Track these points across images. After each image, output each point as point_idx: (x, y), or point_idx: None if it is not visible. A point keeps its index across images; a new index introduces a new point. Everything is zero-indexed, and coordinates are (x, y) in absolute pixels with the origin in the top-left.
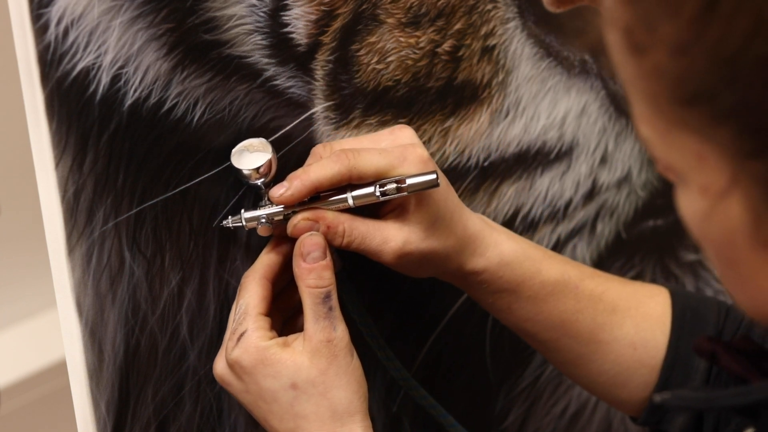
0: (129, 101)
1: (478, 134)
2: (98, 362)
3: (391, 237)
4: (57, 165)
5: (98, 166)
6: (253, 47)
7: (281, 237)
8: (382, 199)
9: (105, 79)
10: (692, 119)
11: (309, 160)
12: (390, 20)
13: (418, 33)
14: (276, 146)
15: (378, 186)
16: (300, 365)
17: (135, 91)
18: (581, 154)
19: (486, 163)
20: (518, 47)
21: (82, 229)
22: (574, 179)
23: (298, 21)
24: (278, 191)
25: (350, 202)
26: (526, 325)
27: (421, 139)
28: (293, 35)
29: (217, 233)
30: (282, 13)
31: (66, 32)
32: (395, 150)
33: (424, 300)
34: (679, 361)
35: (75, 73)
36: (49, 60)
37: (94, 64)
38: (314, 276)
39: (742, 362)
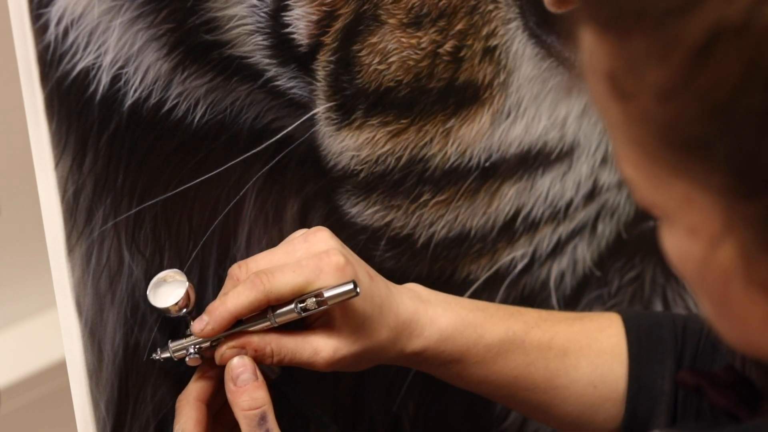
0: (129, 101)
1: (480, 135)
2: (98, 362)
3: (320, 348)
4: (57, 165)
5: (98, 166)
6: (254, 48)
7: (212, 360)
8: (304, 314)
9: (105, 79)
10: (682, 164)
11: (226, 284)
12: (391, 21)
13: (419, 33)
14: (277, 147)
15: (298, 303)
16: None
17: (135, 91)
18: (582, 154)
19: (487, 164)
20: (520, 48)
21: (82, 228)
22: (575, 180)
23: (300, 21)
24: (199, 326)
25: (274, 323)
26: (480, 387)
27: (422, 140)
28: (294, 36)
29: (217, 232)
30: (283, 14)
31: (66, 32)
32: (310, 263)
33: None
34: (642, 389)
35: (75, 73)
36: (49, 60)
37: (94, 64)
38: (246, 398)
39: (729, 396)
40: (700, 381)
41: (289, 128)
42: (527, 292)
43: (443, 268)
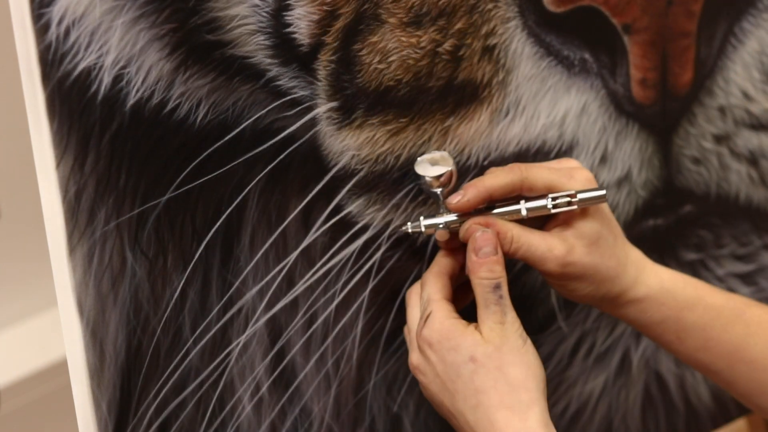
0: (131, 101)
1: (478, 133)
2: (99, 362)
3: (555, 246)
4: (58, 165)
5: (100, 167)
6: (256, 47)
7: (455, 243)
8: (553, 211)
9: (107, 79)
10: None
11: (484, 174)
12: (392, 20)
13: (419, 33)
14: (280, 147)
15: (551, 198)
16: (477, 340)
17: (137, 91)
18: (581, 153)
19: (486, 162)
20: (519, 46)
21: (84, 229)
22: None
23: (301, 21)
24: (455, 199)
25: (523, 212)
26: (698, 355)
27: (421, 138)
28: (296, 35)
29: (220, 233)
30: (284, 14)
31: (67, 32)
32: (562, 168)
33: None
34: None
35: (76, 73)
36: (51, 60)
37: (95, 64)
38: (485, 269)
39: None
40: None
41: (291, 128)
42: (527, 291)
43: None
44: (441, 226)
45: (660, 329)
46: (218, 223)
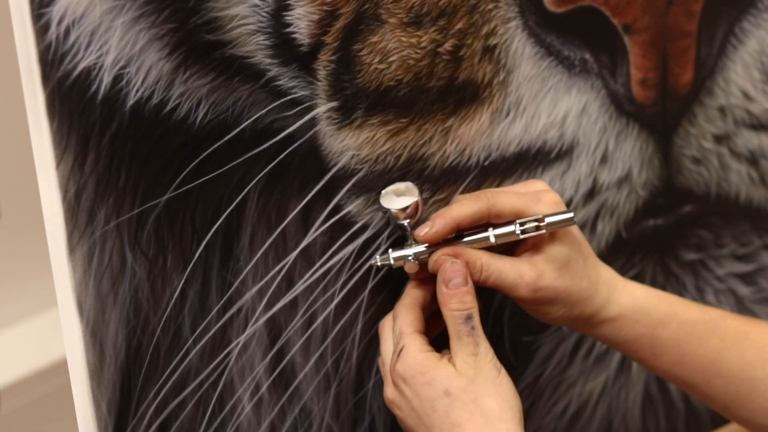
0: (131, 101)
1: (479, 133)
2: (99, 362)
3: (525, 272)
4: (58, 165)
5: (100, 166)
6: (255, 47)
7: (425, 273)
8: (522, 236)
9: (107, 79)
10: None
11: (451, 203)
12: (392, 20)
13: (419, 33)
14: (279, 147)
15: (518, 224)
16: (450, 374)
17: (137, 91)
18: (582, 153)
19: (486, 163)
20: (519, 47)
21: (84, 229)
22: (574, 178)
23: (301, 21)
24: (423, 230)
25: (492, 240)
26: (674, 370)
27: (422, 138)
28: (296, 35)
29: (220, 233)
30: (284, 13)
31: (67, 32)
32: (529, 193)
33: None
34: None
35: (76, 73)
36: (50, 60)
37: (95, 64)
38: (456, 301)
39: None
40: None
41: (291, 128)
42: None
43: None
44: (410, 257)
45: (635, 346)
46: (218, 223)
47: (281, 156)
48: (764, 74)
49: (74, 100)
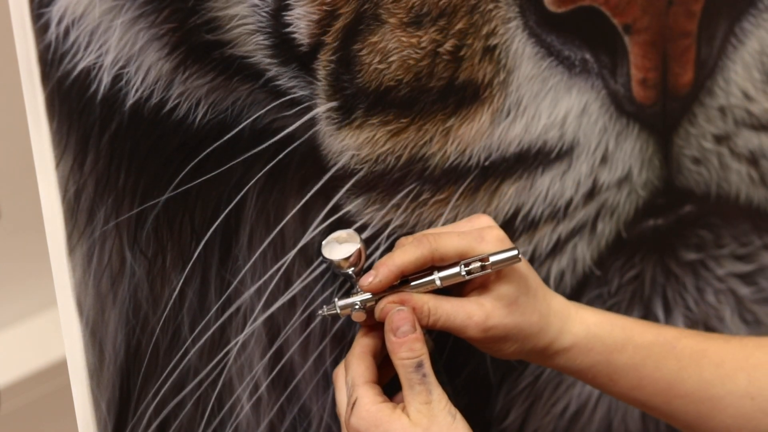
0: (130, 101)
1: (479, 134)
2: (99, 362)
3: (474, 312)
4: (58, 165)
5: (99, 166)
6: (255, 47)
7: (373, 320)
8: (467, 277)
9: (106, 78)
10: None
11: (394, 249)
12: (392, 20)
13: (419, 33)
14: (279, 147)
15: (463, 265)
16: (405, 425)
17: (136, 91)
18: (582, 153)
19: (487, 163)
20: (519, 47)
21: (83, 228)
22: (574, 178)
23: (300, 21)
24: (367, 280)
25: (438, 282)
26: (633, 393)
27: (422, 139)
28: (295, 35)
29: (219, 232)
30: (284, 13)
31: (67, 32)
32: (473, 231)
33: None
34: None
35: (76, 72)
36: (50, 59)
37: (95, 63)
38: (405, 349)
39: None
40: None
41: (290, 128)
42: None
43: None
44: (357, 306)
45: (591, 374)
46: (217, 223)
47: (280, 156)
48: (764, 74)
49: (74, 100)
